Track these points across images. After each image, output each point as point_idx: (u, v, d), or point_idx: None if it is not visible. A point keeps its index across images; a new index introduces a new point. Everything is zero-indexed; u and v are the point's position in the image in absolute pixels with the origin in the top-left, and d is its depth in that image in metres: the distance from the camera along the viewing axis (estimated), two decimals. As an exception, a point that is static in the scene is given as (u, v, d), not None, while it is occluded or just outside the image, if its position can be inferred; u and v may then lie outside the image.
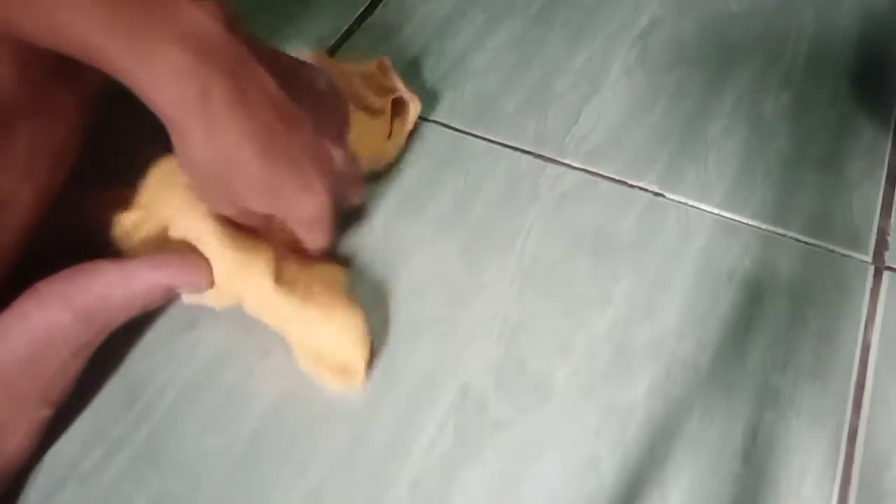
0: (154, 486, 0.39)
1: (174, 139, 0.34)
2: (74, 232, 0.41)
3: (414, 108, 0.53)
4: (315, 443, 0.41)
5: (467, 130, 0.55)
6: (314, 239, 0.41)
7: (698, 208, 0.51)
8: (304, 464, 0.40)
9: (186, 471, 0.40)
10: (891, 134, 0.55)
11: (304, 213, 0.38)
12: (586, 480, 0.40)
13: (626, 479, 0.40)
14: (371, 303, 0.45)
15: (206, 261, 0.40)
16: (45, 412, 0.38)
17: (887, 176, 0.53)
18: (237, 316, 0.43)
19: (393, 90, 0.53)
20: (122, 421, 0.41)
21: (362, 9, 0.64)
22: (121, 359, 0.43)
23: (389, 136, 0.52)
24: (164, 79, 0.30)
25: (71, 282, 0.37)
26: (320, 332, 0.41)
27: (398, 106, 0.53)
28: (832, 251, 0.49)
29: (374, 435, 0.41)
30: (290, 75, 0.37)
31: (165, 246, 0.41)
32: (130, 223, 0.42)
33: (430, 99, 0.57)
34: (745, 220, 0.50)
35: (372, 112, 0.52)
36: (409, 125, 0.53)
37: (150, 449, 0.40)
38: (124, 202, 0.42)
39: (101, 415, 0.41)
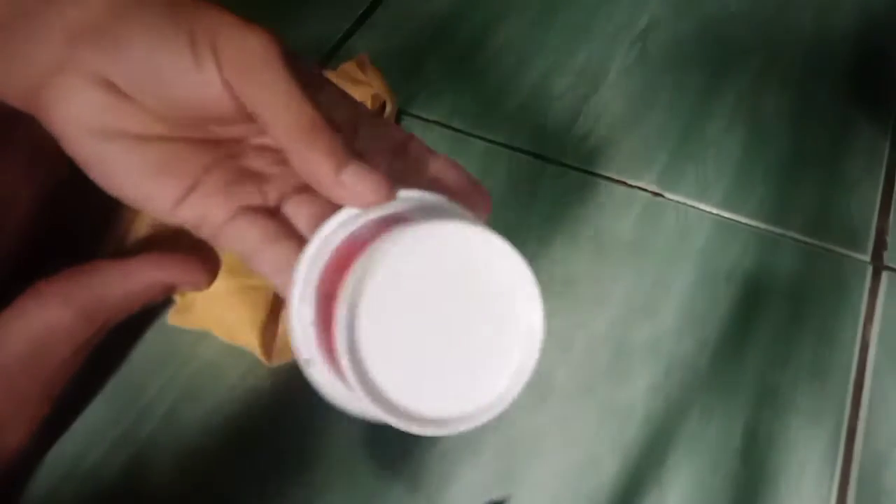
0: (155, 486, 0.39)
1: None
2: (75, 231, 0.41)
3: (391, 104, 0.54)
4: (315, 442, 0.41)
5: (467, 130, 0.55)
6: None
7: (697, 208, 0.51)
8: (305, 464, 0.40)
9: (187, 470, 0.40)
10: (889, 134, 0.55)
11: None
12: (586, 479, 0.40)
13: (626, 478, 0.40)
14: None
15: (206, 257, 0.40)
16: (45, 409, 0.38)
17: (886, 176, 0.53)
18: (237, 315, 0.43)
19: (369, 85, 0.53)
20: (123, 420, 0.41)
21: (362, 9, 0.64)
22: (122, 359, 0.43)
23: None
24: None
25: (71, 280, 0.37)
26: (224, 314, 0.43)
27: (376, 102, 0.53)
28: (831, 251, 0.49)
29: (375, 435, 0.41)
30: None
31: (167, 240, 0.41)
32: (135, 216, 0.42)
33: (430, 99, 0.57)
34: (744, 220, 0.50)
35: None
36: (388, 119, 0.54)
37: (150, 448, 0.40)
38: None
39: (103, 414, 0.41)
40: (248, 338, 0.43)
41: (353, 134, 0.29)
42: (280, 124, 0.26)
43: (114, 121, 0.27)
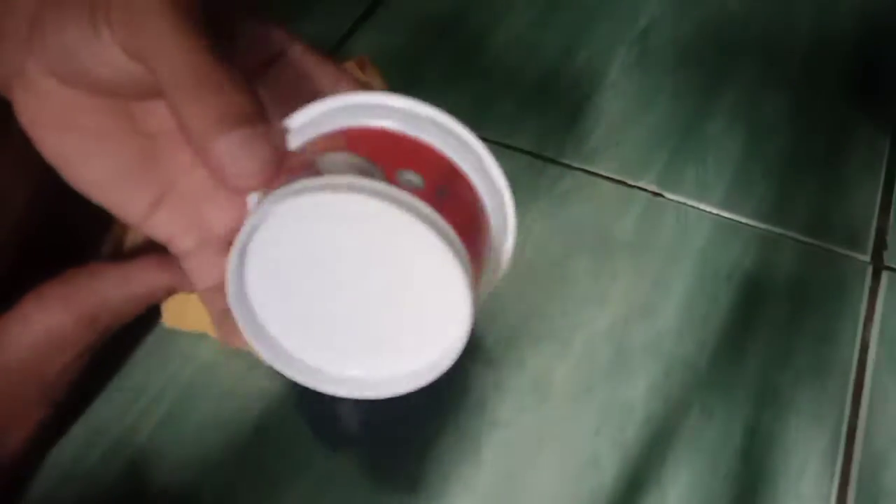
0: (155, 486, 0.39)
1: None
2: (74, 231, 0.41)
3: None
4: (315, 442, 0.41)
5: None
6: None
7: (697, 208, 0.51)
8: (305, 463, 0.40)
9: (187, 470, 0.40)
10: (889, 134, 0.55)
11: None
12: (586, 479, 0.40)
13: (626, 478, 0.40)
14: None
15: None
16: (46, 413, 0.38)
17: (886, 175, 0.53)
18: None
19: (369, 85, 0.53)
20: (123, 420, 0.41)
21: (362, 9, 0.64)
22: (122, 358, 0.43)
23: None
24: None
25: (72, 284, 0.37)
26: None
27: None
28: (831, 251, 0.49)
29: (376, 436, 0.41)
30: None
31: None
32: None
33: (430, 99, 0.57)
34: (744, 220, 0.50)
35: None
36: None
37: (151, 449, 0.40)
38: None
39: (103, 414, 0.41)
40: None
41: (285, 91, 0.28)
42: (163, 75, 0.23)
43: (70, 115, 0.27)
